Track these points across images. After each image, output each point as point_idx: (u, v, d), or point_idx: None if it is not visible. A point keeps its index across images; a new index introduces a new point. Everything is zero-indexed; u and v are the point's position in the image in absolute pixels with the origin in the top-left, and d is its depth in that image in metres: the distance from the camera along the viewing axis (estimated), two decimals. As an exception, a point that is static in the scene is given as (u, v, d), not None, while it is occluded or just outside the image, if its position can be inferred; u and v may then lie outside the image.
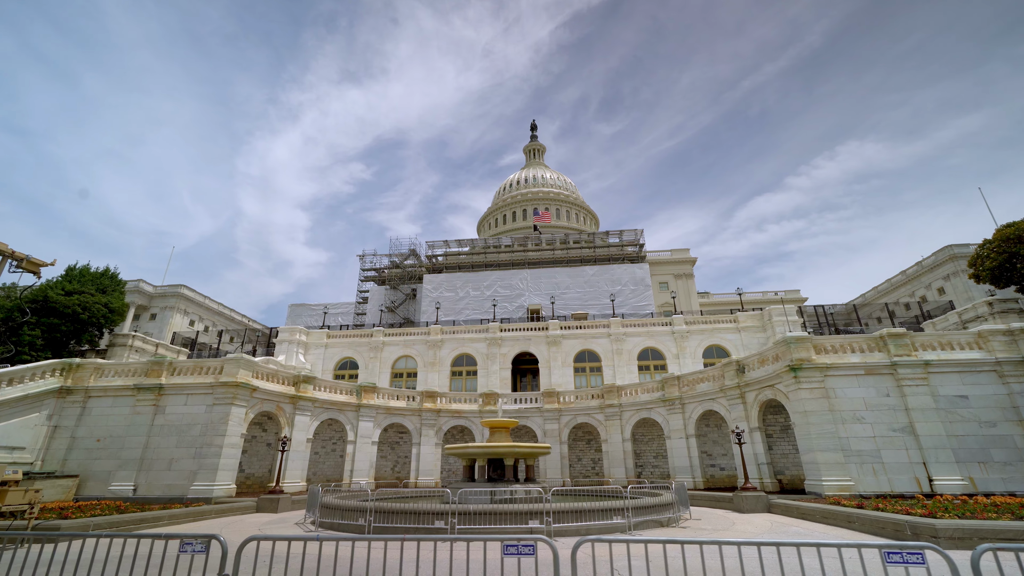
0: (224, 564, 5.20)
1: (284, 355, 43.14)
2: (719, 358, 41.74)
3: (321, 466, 30.89)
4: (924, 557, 4.27)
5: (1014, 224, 40.11)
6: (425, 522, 14.50)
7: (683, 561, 5.53)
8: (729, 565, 7.71)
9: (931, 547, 4.52)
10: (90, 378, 25.61)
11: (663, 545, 5.35)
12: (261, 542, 5.58)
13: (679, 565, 7.88)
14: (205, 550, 5.36)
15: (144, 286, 66.90)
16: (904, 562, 4.31)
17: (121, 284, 45.60)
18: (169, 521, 17.86)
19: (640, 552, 8.07)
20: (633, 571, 7.40)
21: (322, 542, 5.99)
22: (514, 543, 5.01)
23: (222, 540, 5.30)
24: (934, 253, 67.05)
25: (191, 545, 5.33)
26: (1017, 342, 21.52)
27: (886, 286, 74.52)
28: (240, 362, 25.32)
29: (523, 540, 5.03)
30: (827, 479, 20.21)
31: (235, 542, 5.80)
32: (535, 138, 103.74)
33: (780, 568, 5.42)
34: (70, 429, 24.56)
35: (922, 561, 4.28)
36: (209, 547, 5.42)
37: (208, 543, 5.39)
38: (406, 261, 68.76)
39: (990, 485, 19.67)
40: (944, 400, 21.11)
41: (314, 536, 6.07)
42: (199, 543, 5.33)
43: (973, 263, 41.43)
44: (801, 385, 21.95)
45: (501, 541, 5.07)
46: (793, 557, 7.25)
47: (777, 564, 5.74)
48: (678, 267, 73.04)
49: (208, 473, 23.16)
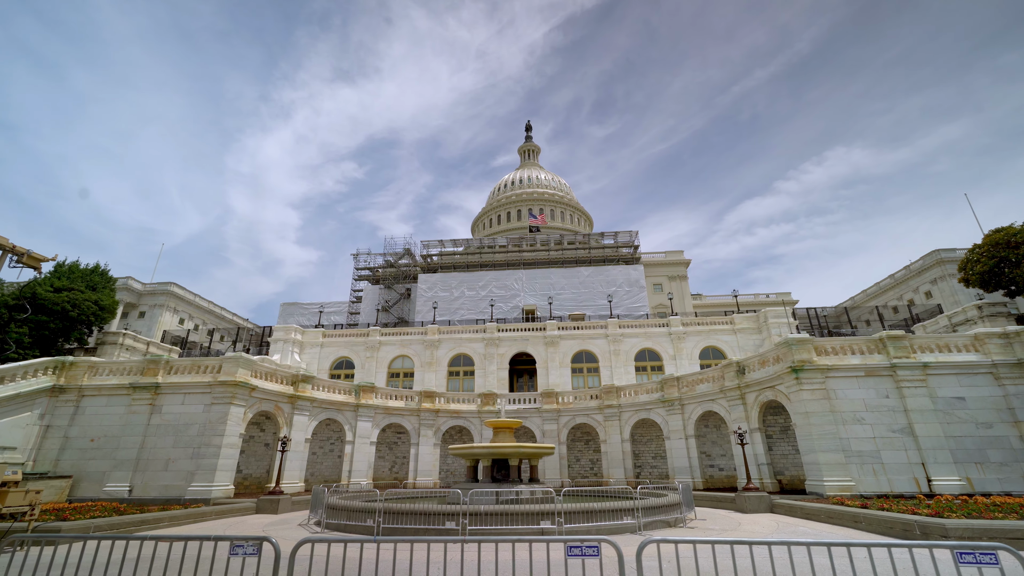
0: (278, 567, 5.04)
1: (279, 354, 42.64)
2: (715, 359, 42.03)
3: (319, 466, 30.57)
4: (997, 557, 4.30)
5: (1003, 229, 40.91)
6: (436, 523, 14.38)
7: (732, 560, 5.50)
8: (761, 565, 7.72)
9: (1004, 548, 4.52)
10: (84, 376, 25.09)
11: (712, 546, 5.29)
12: (316, 544, 5.45)
13: (726, 564, 7.89)
14: (257, 552, 5.20)
15: (133, 283, 65.81)
16: (977, 562, 4.32)
17: (112, 281, 44.75)
18: (170, 523, 17.54)
19: (689, 552, 8.00)
20: (683, 571, 7.35)
21: (380, 545, 5.85)
22: (578, 544, 4.96)
23: (274, 542, 5.13)
24: (922, 257, 68.14)
25: (242, 547, 5.16)
26: (1012, 345, 21.93)
27: (875, 289, 75.63)
28: (239, 361, 24.96)
29: (587, 541, 4.97)
30: (828, 479, 20.41)
31: (283, 545, 5.65)
32: (530, 139, 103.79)
33: (811, 568, 5.45)
34: (63, 429, 24.03)
35: (995, 561, 4.29)
36: (261, 549, 5.26)
37: (260, 545, 5.23)
38: (400, 260, 68.39)
39: (987, 485, 20.00)
40: (942, 402, 21.44)
41: (372, 539, 5.94)
42: (251, 545, 5.16)
43: (963, 267, 42.14)
44: (803, 386, 22.16)
45: (565, 543, 5.01)
46: (824, 557, 7.29)
47: (808, 563, 5.76)
48: (672, 269, 73.48)
49: (206, 474, 22.79)
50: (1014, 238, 39.13)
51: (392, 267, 67.62)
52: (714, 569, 4.85)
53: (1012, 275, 39.04)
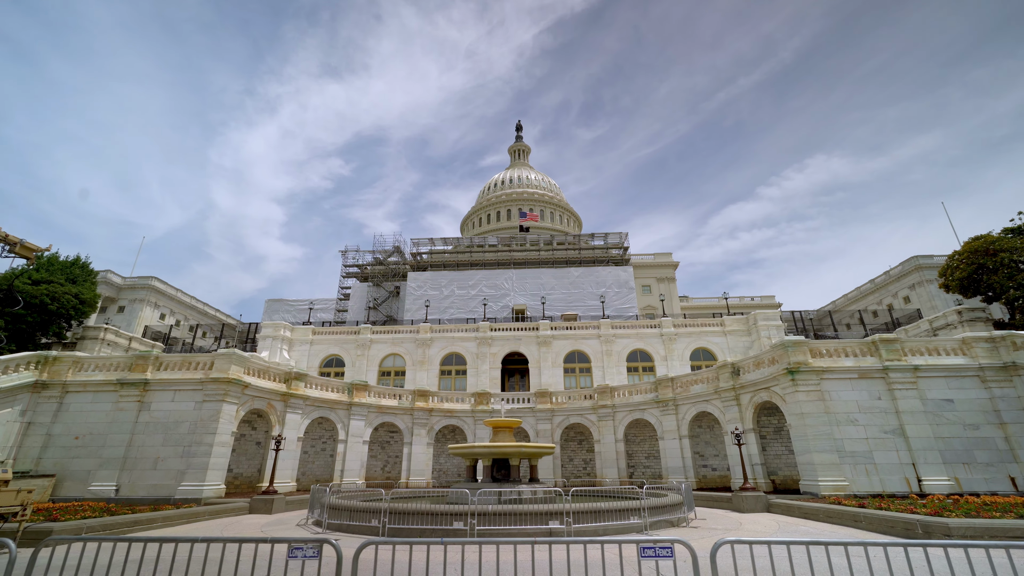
0: (340, 571, 4.83)
1: (267, 351, 41.82)
2: (706, 360, 42.53)
3: (310, 466, 30.06)
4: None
5: (981, 237, 42.17)
6: (444, 523, 14.22)
7: (788, 562, 5.52)
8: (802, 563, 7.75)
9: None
10: (68, 372, 24.25)
11: (788, 547, 5.25)
12: (380, 547, 5.27)
13: (764, 565, 7.89)
14: (317, 555, 4.98)
15: (112, 277, 63.90)
16: None
17: (93, 275, 43.42)
18: (163, 523, 17.05)
19: (745, 552, 8.00)
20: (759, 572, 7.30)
21: (431, 547, 5.67)
22: (650, 545, 4.89)
23: (335, 544, 4.93)
24: (901, 263, 69.80)
25: (301, 550, 4.94)
26: (999, 349, 22.60)
27: (855, 294, 77.28)
28: (232, 357, 24.41)
29: (660, 543, 4.91)
30: (823, 479, 20.76)
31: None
32: (520, 139, 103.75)
33: (829, 567, 5.50)
34: (45, 426, 23.19)
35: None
36: (321, 551, 5.05)
37: (320, 548, 5.02)
38: (390, 258, 67.73)
39: (974, 485, 20.57)
40: (932, 403, 21.98)
41: (438, 541, 5.78)
42: (311, 548, 4.95)
43: (943, 273, 43.33)
44: (798, 388, 22.51)
45: (637, 544, 4.93)
46: (839, 557, 7.36)
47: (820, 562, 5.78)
48: (660, 270, 74.14)
49: (197, 473, 22.23)
50: (992, 246, 40.39)
51: (381, 265, 66.94)
52: (772, 569, 4.84)
53: (990, 281, 40.28)
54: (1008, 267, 38.90)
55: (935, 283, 64.07)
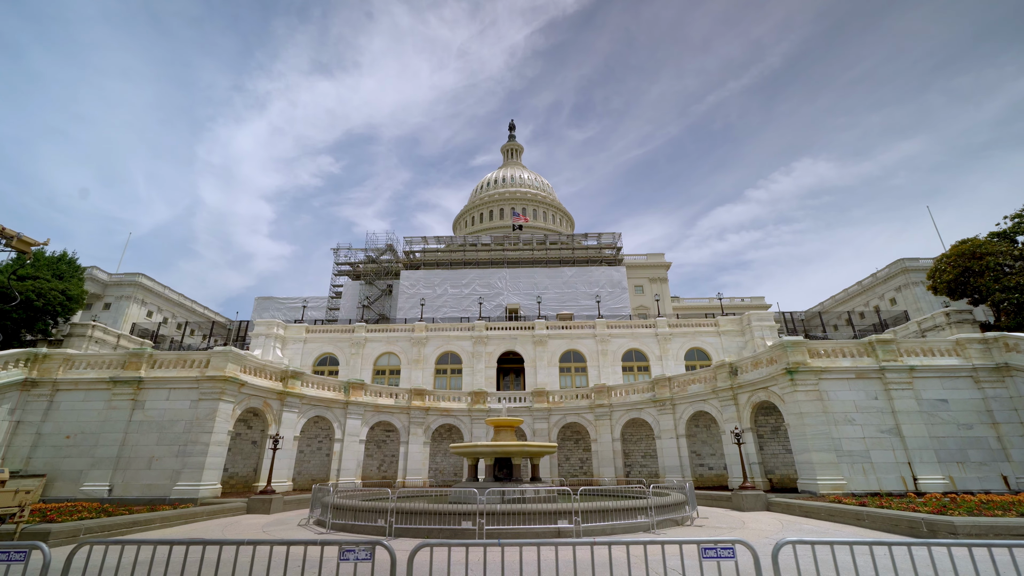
0: (395, 573, 4.70)
1: (260, 349, 41.25)
2: (700, 360, 42.87)
3: (306, 465, 29.71)
4: None
5: (968, 241, 42.99)
6: (452, 523, 14.11)
7: (808, 560, 5.51)
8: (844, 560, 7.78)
9: None
10: (59, 370, 23.68)
11: (851, 547, 5.18)
12: (435, 548, 5.13)
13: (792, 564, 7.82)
14: (370, 558, 4.85)
15: (98, 274, 62.62)
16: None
17: (80, 270, 42.45)
18: (162, 524, 16.71)
19: (806, 553, 8.01)
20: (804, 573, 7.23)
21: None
22: (712, 547, 4.86)
23: (387, 546, 4.79)
24: (887, 266, 70.93)
25: (353, 552, 4.80)
26: (991, 350, 23.05)
27: (843, 295, 78.41)
28: (229, 355, 24.03)
29: (721, 544, 4.89)
30: (821, 478, 20.99)
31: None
32: (513, 138, 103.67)
33: (853, 566, 5.51)
34: (35, 425, 22.62)
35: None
36: (374, 554, 4.91)
37: (372, 550, 4.88)
38: (382, 256, 67.25)
39: (968, 484, 20.94)
40: (927, 403, 22.35)
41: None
42: (363, 550, 4.81)
43: (931, 276, 44.07)
44: (797, 388, 22.74)
45: (698, 545, 4.89)
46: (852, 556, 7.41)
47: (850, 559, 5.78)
48: (652, 271, 74.59)
49: (193, 472, 21.84)
50: (978, 249, 41.21)
51: (374, 263, 66.45)
52: (835, 569, 4.84)
53: (976, 284, 41.07)
54: (994, 270, 39.70)
55: (921, 285, 65.34)
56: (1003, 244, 41.06)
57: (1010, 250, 40.23)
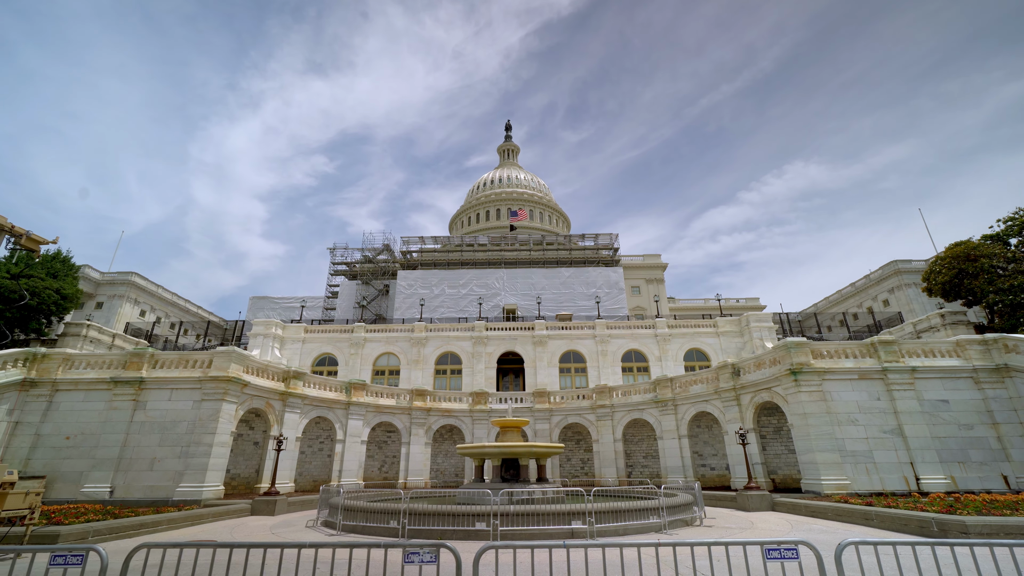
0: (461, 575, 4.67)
1: (258, 349, 40.88)
2: (699, 361, 43.10)
3: (307, 466, 29.49)
4: None
5: (962, 243, 43.57)
6: (466, 524, 14.06)
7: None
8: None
9: None
10: (58, 370, 23.34)
11: (913, 548, 5.19)
12: (500, 551, 5.08)
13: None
14: (435, 560, 4.80)
15: (90, 272, 61.78)
16: None
17: (74, 269, 41.94)
18: (168, 525, 16.53)
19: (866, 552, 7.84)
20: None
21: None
22: (776, 547, 4.87)
23: (451, 547, 4.75)
24: (881, 267, 71.64)
25: (417, 555, 4.75)
26: (991, 351, 23.36)
27: (836, 296, 79.10)
28: (232, 355, 23.80)
29: (784, 544, 4.90)
30: (825, 478, 21.17)
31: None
32: (509, 138, 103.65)
33: (916, 567, 5.55)
34: (34, 425, 22.29)
35: None
36: (439, 555, 4.86)
37: (437, 552, 4.83)
38: (379, 256, 66.97)
39: (969, 483, 21.21)
40: (928, 404, 22.61)
41: (560, 544, 5.65)
42: (427, 552, 4.76)
43: (927, 278, 44.62)
44: (801, 388, 22.91)
45: (762, 546, 4.90)
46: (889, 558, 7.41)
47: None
48: (649, 272, 74.85)
49: (196, 474, 21.61)
50: (973, 252, 41.77)
51: (370, 263, 66.15)
52: (898, 569, 4.85)
53: (971, 286, 41.61)
54: (988, 272, 40.24)
55: (914, 287, 66.12)
56: (996, 247, 41.63)
57: (1003, 252, 40.82)
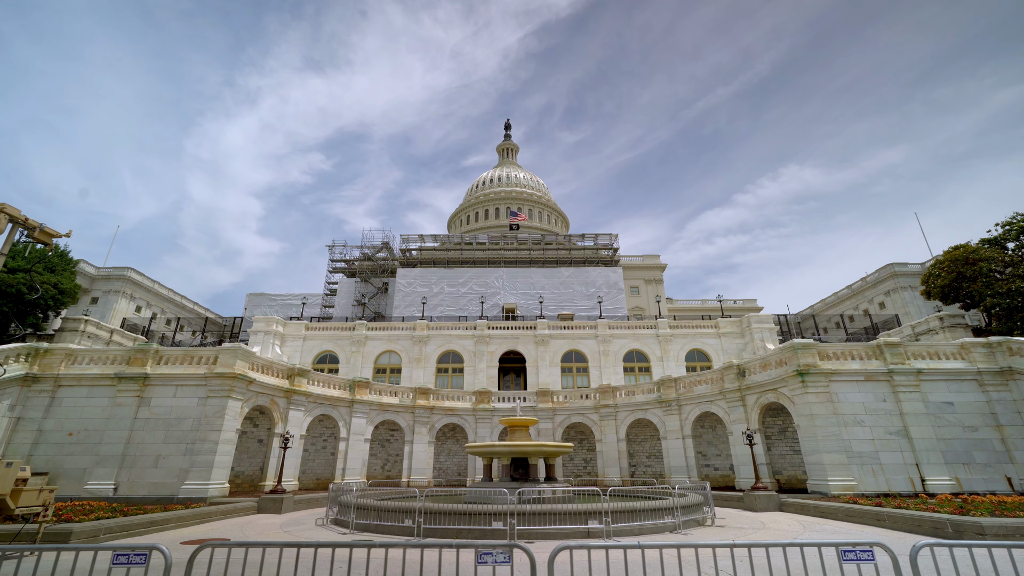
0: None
1: (259, 346, 40.56)
2: (700, 361, 43.24)
3: (311, 464, 29.30)
4: None
5: (961, 247, 43.97)
6: (482, 523, 14.00)
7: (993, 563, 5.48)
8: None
9: None
10: (60, 365, 23.04)
11: (989, 550, 5.16)
12: (575, 551, 4.99)
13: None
14: (509, 560, 4.72)
15: (85, 267, 60.99)
16: None
17: (72, 264, 41.49)
18: (177, 523, 16.36)
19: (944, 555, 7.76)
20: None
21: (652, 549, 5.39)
22: (851, 548, 4.85)
23: (525, 548, 4.67)
24: (877, 270, 72.15)
25: (491, 555, 4.68)
26: (995, 354, 23.57)
27: (832, 299, 79.62)
28: (238, 352, 23.59)
29: (859, 546, 4.87)
30: (832, 479, 21.28)
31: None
32: (509, 137, 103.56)
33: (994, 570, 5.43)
34: (36, 421, 21.98)
35: None
36: (513, 556, 4.80)
37: (510, 552, 4.76)
38: (378, 254, 66.68)
39: (973, 485, 21.40)
40: (933, 406, 22.79)
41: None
42: (501, 553, 4.69)
43: (926, 280, 44.99)
44: (808, 389, 23.02)
45: (836, 547, 4.85)
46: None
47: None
48: (648, 272, 75.05)
49: (202, 471, 21.42)
50: (972, 255, 42.16)
51: (370, 260, 65.82)
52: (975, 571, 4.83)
53: (969, 289, 41.96)
54: (986, 276, 40.61)
55: (909, 289, 66.68)
56: (994, 251, 42.02)
57: (1001, 256, 41.21)
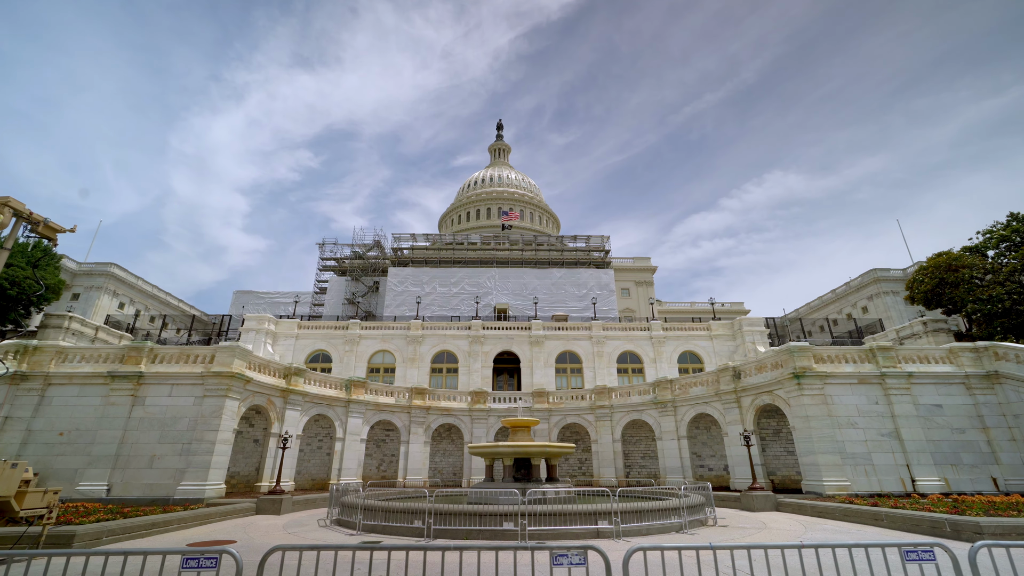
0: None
1: (251, 345, 39.89)
2: (692, 363, 43.75)
3: (306, 464, 28.96)
4: None
5: (944, 254, 45.19)
6: (492, 524, 14.01)
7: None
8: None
9: None
10: (50, 363, 22.46)
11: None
12: (648, 552, 5.01)
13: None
14: (584, 562, 4.73)
15: (67, 263, 59.50)
16: None
17: (56, 259, 40.46)
18: (179, 525, 16.07)
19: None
20: None
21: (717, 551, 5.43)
22: (913, 548, 4.98)
23: (600, 549, 4.69)
24: (860, 275, 73.76)
25: (566, 557, 4.69)
26: (981, 359, 24.30)
27: (817, 303, 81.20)
28: (235, 351, 23.24)
29: (920, 546, 5.00)
30: (827, 480, 21.72)
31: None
32: (501, 137, 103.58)
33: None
34: (25, 421, 21.40)
35: None
36: (587, 557, 4.81)
37: (584, 554, 4.76)
38: (369, 252, 66.16)
39: (961, 485, 22.03)
40: (923, 408, 23.40)
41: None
42: (575, 555, 4.70)
43: (910, 286, 46.16)
44: (803, 392, 23.47)
45: (899, 548, 4.98)
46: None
47: None
48: (638, 274, 75.73)
49: (198, 472, 21.05)
50: (954, 262, 43.37)
51: (360, 259, 65.26)
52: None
53: (951, 295, 43.14)
54: (968, 283, 41.79)
55: (892, 294, 68.34)
56: (976, 258, 43.28)
57: (982, 264, 42.45)
